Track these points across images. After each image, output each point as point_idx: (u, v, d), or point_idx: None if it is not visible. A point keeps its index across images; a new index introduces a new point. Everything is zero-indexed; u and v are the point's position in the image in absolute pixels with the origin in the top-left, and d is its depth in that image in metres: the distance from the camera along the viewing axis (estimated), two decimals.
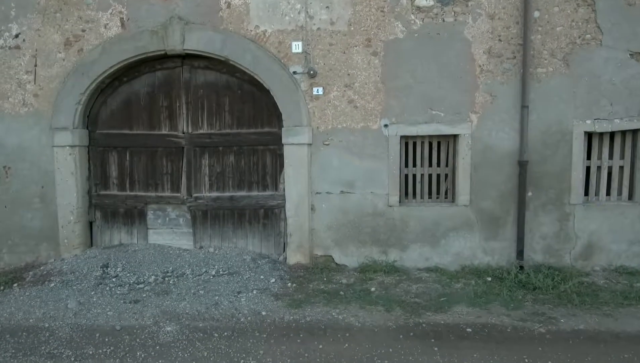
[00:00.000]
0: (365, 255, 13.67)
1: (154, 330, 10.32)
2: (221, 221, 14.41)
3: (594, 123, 12.84)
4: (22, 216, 14.47)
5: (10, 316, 10.86)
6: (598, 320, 10.71)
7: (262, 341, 10.08)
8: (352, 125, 13.47)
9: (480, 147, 13.10)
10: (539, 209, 13.22)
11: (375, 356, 9.54)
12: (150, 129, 14.44)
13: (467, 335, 10.31)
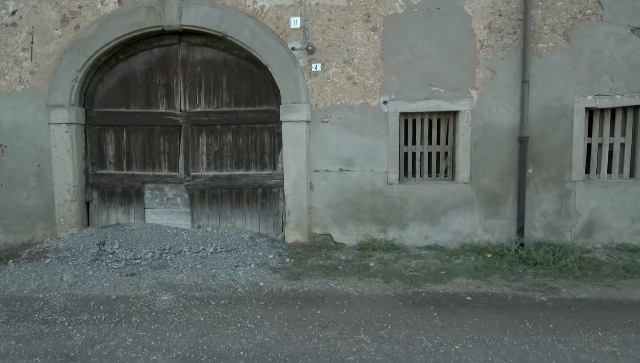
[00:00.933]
0: (364, 234, 13.63)
1: (150, 299, 10.45)
2: (219, 201, 14.37)
3: (595, 99, 12.80)
4: (17, 195, 14.39)
5: (4, 288, 10.93)
6: (600, 290, 10.85)
7: (260, 308, 10.18)
8: (351, 102, 13.45)
9: (481, 123, 12.53)
10: (540, 187, 13.17)
11: (374, 320, 9.64)
12: (148, 108, 14.46)
13: (467, 303, 10.41)
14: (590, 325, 9.33)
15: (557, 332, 9.12)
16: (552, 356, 8.20)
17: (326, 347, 8.47)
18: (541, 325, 9.36)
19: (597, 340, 8.80)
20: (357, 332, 9.11)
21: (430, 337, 8.81)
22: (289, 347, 8.55)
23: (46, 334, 9.23)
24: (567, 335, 9.01)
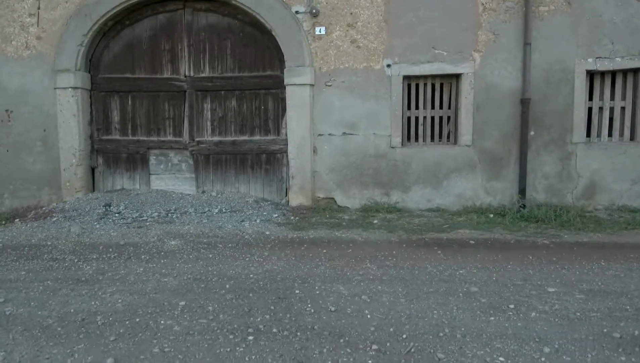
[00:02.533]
0: (367, 197, 14.09)
1: (158, 244, 10.86)
2: (223, 167, 14.83)
3: (596, 62, 13.27)
4: (23, 160, 14.81)
5: (12, 239, 11.35)
6: (602, 236, 11.29)
7: (267, 248, 10.63)
8: (355, 65, 13.89)
9: (483, 86, 13.10)
10: (541, 149, 13.64)
11: (379, 255, 10.15)
12: (152, 73, 14.33)
13: (470, 245, 10.85)
14: (592, 258, 9.80)
15: (560, 263, 9.60)
16: (556, 277, 8.75)
17: (333, 272, 8.96)
18: (544, 259, 9.84)
19: (600, 267, 9.30)
20: (362, 262, 9.60)
21: (435, 265, 9.32)
22: (297, 271, 9.06)
23: (56, 268, 9.65)
24: (570, 264, 9.51)
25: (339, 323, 7.54)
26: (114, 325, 7.53)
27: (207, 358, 6.60)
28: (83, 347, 6.87)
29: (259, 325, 7.37)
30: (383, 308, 7.89)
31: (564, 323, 7.32)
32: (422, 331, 7.19)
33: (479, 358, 6.52)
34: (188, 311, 7.81)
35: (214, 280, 8.76)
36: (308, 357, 6.54)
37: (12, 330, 7.39)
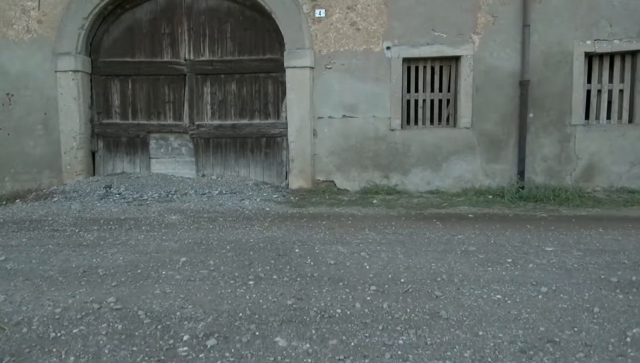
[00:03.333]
0: (367, 180, 14.27)
1: (159, 218, 11.12)
2: (223, 150, 15.01)
3: (594, 44, 13.51)
4: (24, 143, 15.00)
5: (13, 215, 11.58)
6: (600, 211, 11.62)
7: (267, 221, 10.89)
8: (355, 48, 14.09)
9: (482, 68, 13.13)
10: (540, 131, 13.84)
11: (379, 225, 10.44)
12: (153, 57, 14.64)
13: (469, 218, 11.10)
14: (591, 226, 10.08)
15: (559, 230, 9.87)
16: (554, 239, 9.07)
17: (333, 236, 9.27)
18: (542, 227, 10.12)
19: (599, 233, 9.59)
20: (362, 230, 9.93)
21: (433, 232, 9.64)
22: (297, 237, 9.36)
23: (57, 236, 9.86)
24: (567, 231, 9.78)
25: (338, 272, 7.81)
26: (115, 275, 7.76)
27: (208, 296, 6.81)
28: (84, 290, 7.10)
29: (259, 274, 7.59)
30: (381, 262, 8.14)
31: (562, 272, 7.54)
32: (419, 277, 7.42)
33: (476, 296, 6.73)
34: (189, 264, 8.02)
35: (215, 243, 8.98)
36: (308, 295, 6.76)
37: (14, 280, 7.61)
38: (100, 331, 5.93)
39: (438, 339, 5.65)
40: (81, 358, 5.34)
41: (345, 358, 5.25)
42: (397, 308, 6.45)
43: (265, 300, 6.72)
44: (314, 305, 6.65)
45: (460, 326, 5.96)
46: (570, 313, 6.29)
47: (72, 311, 6.54)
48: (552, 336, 5.70)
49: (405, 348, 5.43)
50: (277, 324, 6.08)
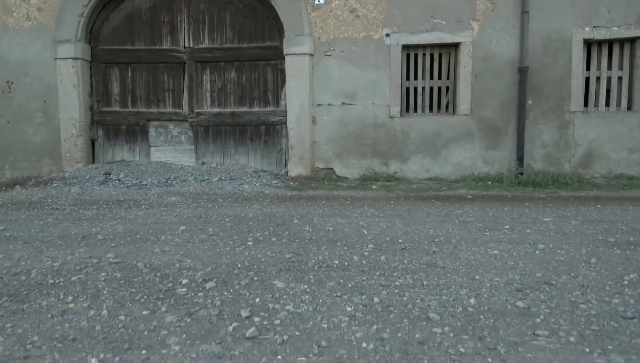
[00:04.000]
0: (366, 167, 14.32)
1: (159, 200, 11.18)
2: (223, 138, 15.09)
3: (593, 31, 13.62)
4: (24, 131, 15.07)
5: (12, 198, 11.64)
6: (598, 192, 11.73)
7: (266, 202, 10.95)
8: (354, 35, 14.16)
9: (481, 55, 12.97)
10: (539, 118, 13.92)
11: (377, 204, 10.56)
12: (152, 45, 14.27)
13: (468, 199, 11.16)
14: (589, 204, 10.21)
15: (557, 206, 9.97)
16: (552, 212, 9.23)
17: (332, 211, 9.45)
18: (540, 204, 10.22)
19: (596, 209, 9.68)
20: (361, 207, 10.07)
21: (432, 208, 9.80)
22: (296, 212, 9.51)
23: (56, 213, 9.90)
24: (566, 207, 9.91)
25: (336, 236, 7.91)
26: (114, 239, 7.88)
27: (207, 253, 6.94)
28: (83, 250, 7.24)
29: (257, 237, 7.74)
30: (379, 229, 8.26)
31: (559, 236, 7.70)
32: (417, 239, 7.57)
33: (473, 252, 6.89)
34: (188, 231, 8.16)
35: (214, 217, 9.14)
36: (306, 252, 6.89)
37: (12, 243, 7.73)
38: (99, 278, 6.02)
39: (434, 281, 5.76)
40: (79, 298, 5.42)
41: (342, 294, 5.35)
42: (395, 260, 6.56)
43: (263, 255, 6.81)
44: (312, 259, 6.72)
45: (457, 272, 6.08)
46: (567, 264, 6.39)
47: (70, 264, 6.63)
48: (549, 280, 5.82)
49: (402, 287, 5.54)
50: (275, 272, 6.18)
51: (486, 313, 4.79)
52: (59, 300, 5.32)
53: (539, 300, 5.15)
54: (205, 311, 4.96)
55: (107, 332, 4.54)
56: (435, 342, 4.18)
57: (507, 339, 4.23)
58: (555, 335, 4.31)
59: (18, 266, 6.50)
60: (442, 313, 4.84)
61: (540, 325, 4.55)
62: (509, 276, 5.86)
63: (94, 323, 4.75)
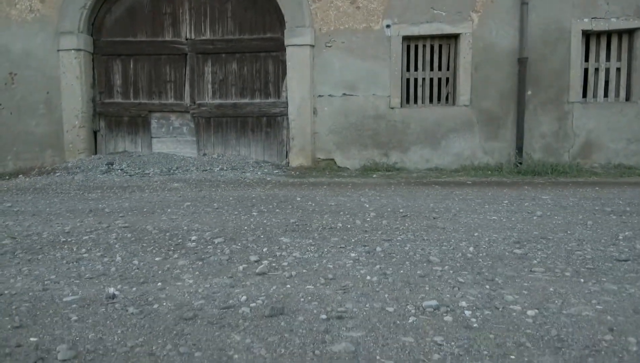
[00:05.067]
0: (367, 158, 14.45)
1: (162, 185, 11.39)
2: (224, 130, 15.31)
3: (591, 22, 13.87)
4: (27, 122, 15.24)
5: (16, 185, 11.82)
6: (597, 179, 12.05)
7: (268, 186, 11.20)
8: (354, 26, 14.23)
9: (481, 46, 13.17)
10: (538, 108, 14.15)
11: (379, 188, 10.81)
12: (154, 37, 14.12)
13: (468, 184, 11.38)
14: (587, 187, 10.45)
15: (556, 188, 10.19)
16: (551, 192, 9.56)
17: (333, 193, 9.72)
18: (539, 187, 10.47)
19: (594, 190, 9.93)
20: (362, 190, 10.34)
21: (432, 191, 10.04)
22: (298, 193, 9.72)
23: (62, 196, 10.07)
24: (564, 189, 10.15)
25: (338, 208, 8.20)
26: (122, 212, 8.14)
27: (213, 220, 7.25)
28: (92, 219, 7.54)
29: (262, 209, 8.05)
30: (381, 204, 8.54)
31: (557, 208, 8.02)
32: (418, 210, 7.88)
33: (472, 218, 7.19)
34: (193, 206, 8.47)
35: (217, 197, 9.38)
36: (310, 219, 7.21)
37: (21, 215, 7.99)
38: (110, 237, 6.30)
39: (435, 237, 6.08)
40: (92, 250, 5.72)
41: (345, 246, 5.65)
42: (396, 224, 6.89)
43: (268, 221, 7.12)
44: (316, 223, 7.00)
45: (457, 231, 6.39)
46: (563, 226, 6.69)
47: (81, 228, 6.88)
48: (546, 236, 6.13)
49: (404, 241, 5.86)
50: (281, 231, 6.49)
51: (484, 257, 5.06)
52: (73, 251, 5.57)
53: (535, 248, 5.44)
54: (215, 257, 5.23)
55: (122, 272, 4.78)
56: (435, 276, 4.46)
57: (504, 274, 4.49)
58: (551, 272, 4.57)
59: (29, 230, 6.71)
60: (442, 257, 5.11)
61: (536, 265, 4.82)
62: (506, 234, 6.13)
63: (109, 267, 5.01)
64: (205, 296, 3.95)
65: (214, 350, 3.02)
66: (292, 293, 4.01)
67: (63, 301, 3.97)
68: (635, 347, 3.01)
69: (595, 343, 3.06)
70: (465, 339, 3.11)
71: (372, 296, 3.90)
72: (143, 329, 3.33)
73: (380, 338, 3.16)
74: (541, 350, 2.99)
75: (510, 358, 2.91)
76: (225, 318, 3.48)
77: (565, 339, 3.12)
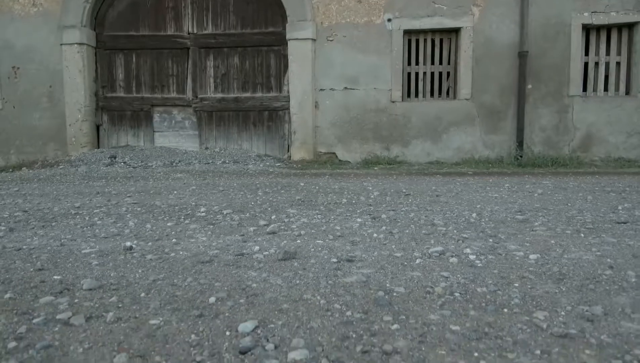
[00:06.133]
0: (368, 151, 14.23)
1: (165, 176, 11.50)
2: (226, 124, 15.46)
3: (591, 16, 14.02)
4: (29, 116, 15.22)
5: (20, 176, 11.89)
6: (597, 169, 12.25)
7: (271, 176, 11.34)
8: (356, 20, 14.00)
9: (482, 40, 13.31)
10: (539, 102, 14.30)
11: (381, 177, 11.02)
12: (156, 31, 14.28)
13: (469, 174, 11.51)
14: (587, 175, 10.69)
15: (557, 177, 10.35)
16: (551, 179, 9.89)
17: (335, 180, 9.92)
18: (540, 176, 10.67)
19: (596, 178, 10.09)
20: (364, 178, 10.50)
21: (433, 179, 10.29)
22: (302, 181, 9.87)
23: (67, 184, 10.20)
24: (565, 177, 10.36)
25: (342, 190, 8.39)
26: (129, 193, 8.34)
27: (220, 198, 7.48)
28: (101, 198, 7.73)
29: (267, 191, 8.26)
30: (384, 187, 8.79)
31: (557, 189, 8.24)
32: (419, 190, 8.11)
33: (474, 196, 7.42)
34: (198, 189, 8.68)
35: (222, 183, 9.53)
36: (315, 196, 7.45)
37: (29, 196, 8.18)
38: (121, 210, 6.52)
39: (438, 209, 6.31)
40: (105, 218, 5.93)
41: (351, 215, 5.90)
42: (400, 200, 7.09)
43: (274, 198, 7.35)
44: (321, 200, 7.23)
45: (459, 205, 6.61)
46: (564, 200, 6.91)
47: (90, 205, 7.08)
48: (547, 207, 6.36)
49: (408, 211, 6.12)
50: (287, 205, 6.72)
51: (487, 221, 5.29)
52: (85, 220, 5.79)
53: (537, 215, 5.67)
54: (225, 223, 5.45)
55: (136, 233, 4.99)
56: (440, 234, 4.68)
57: (506, 232, 4.72)
58: (552, 231, 4.79)
59: (39, 206, 6.90)
60: (446, 222, 5.33)
61: (538, 226, 5.05)
62: (508, 206, 6.35)
63: (123, 229, 5.23)
64: (219, 248, 4.19)
65: (232, 282, 3.24)
66: (302, 245, 4.27)
67: (82, 253, 4.18)
68: (635, 278, 3.23)
69: (595, 277, 3.28)
70: (470, 274, 3.34)
71: (380, 247, 4.15)
72: (163, 269, 3.55)
73: (389, 273, 3.39)
74: (543, 280, 3.21)
75: (514, 286, 3.11)
76: (240, 261, 3.70)
77: (567, 274, 3.34)
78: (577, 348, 2.31)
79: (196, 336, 2.47)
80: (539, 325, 2.55)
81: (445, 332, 2.50)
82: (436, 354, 2.27)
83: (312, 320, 2.60)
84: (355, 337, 2.42)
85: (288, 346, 2.34)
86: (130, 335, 2.50)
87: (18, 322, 2.68)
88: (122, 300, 2.95)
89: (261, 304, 2.82)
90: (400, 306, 2.79)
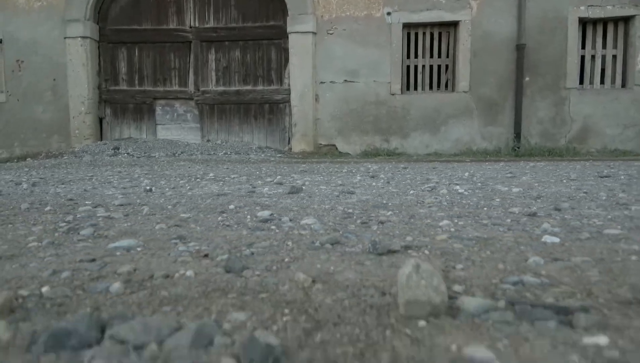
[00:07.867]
0: (368, 143, 14.22)
1: (169, 164, 11.94)
2: (228, 117, 15.37)
3: (588, 10, 14.39)
4: (33, 109, 14.53)
5: (27, 165, 12.25)
6: (595, 156, 12.69)
7: (272, 164, 11.69)
8: (356, 13, 13.97)
9: (480, 33, 13.34)
10: (536, 94, 14.29)
11: (381, 163, 11.50)
12: (159, 25, 14.40)
13: (467, 161, 11.92)
14: (587, 160, 11.16)
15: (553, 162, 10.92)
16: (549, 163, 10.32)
17: (335, 165, 10.34)
18: (535, 161, 11.18)
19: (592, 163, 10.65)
20: (364, 164, 10.94)
21: (431, 165, 10.79)
22: (303, 166, 10.30)
23: (72, 170, 10.51)
24: (561, 162, 10.78)
25: (341, 168, 8.91)
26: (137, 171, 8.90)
27: (226, 171, 8.03)
28: (110, 172, 8.26)
29: (270, 167, 8.82)
30: (385, 169, 9.21)
31: (550, 167, 8.69)
32: (418, 168, 8.57)
33: (469, 169, 7.92)
34: (204, 168, 9.20)
35: (226, 169, 9.94)
36: (317, 170, 7.96)
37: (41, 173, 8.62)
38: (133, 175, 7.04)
39: (433, 174, 6.91)
40: (120, 181, 6.43)
41: (351, 176, 6.47)
42: (398, 171, 7.65)
43: (279, 170, 7.90)
44: (323, 171, 7.83)
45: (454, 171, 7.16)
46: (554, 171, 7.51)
47: (103, 174, 7.63)
48: (536, 172, 6.96)
49: (404, 175, 6.67)
50: (292, 172, 7.26)
51: (479, 178, 5.91)
52: (100, 181, 6.33)
53: (524, 174, 6.40)
54: (234, 181, 6.14)
55: (152, 185, 5.57)
56: (433, 182, 5.24)
57: (495, 181, 5.27)
58: (537, 181, 5.37)
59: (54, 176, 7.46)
60: (440, 179, 6.03)
61: (525, 178, 5.69)
62: (500, 173, 6.91)
63: (139, 183, 5.82)
64: (232, 190, 4.72)
65: (246, 203, 3.80)
66: (307, 188, 4.82)
67: (106, 194, 4.66)
68: (605, 197, 3.85)
69: (571, 197, 3.88)
70: (457, 196, 3.93)
71: (378, 190, 4.68)
72: (183, 198, 4.11)
73: (386, 198, 3.96)
74: (522, 199, 3.81)
75: (496, 200, 3.70)
76: (252, 196, 4.26)
77: (544, 196, 3.93)
78: (542, 220, 2.91)
79: (222, 219, 3.11)
80: (512, 211, 3.18)
81: (431, 215, 3.13)
82: (422, 222, 2.90)
83: (319, 213, 3.23)
84: (355, 218, 3.04)
85: (300, 220, 2.99)
86: (165, 221, 3.07)
87: (64, 217, 3.24)
88: (152, 209, 3.51)
89: (274, 207, 3.44)
90: (395, 209, 3.40)
